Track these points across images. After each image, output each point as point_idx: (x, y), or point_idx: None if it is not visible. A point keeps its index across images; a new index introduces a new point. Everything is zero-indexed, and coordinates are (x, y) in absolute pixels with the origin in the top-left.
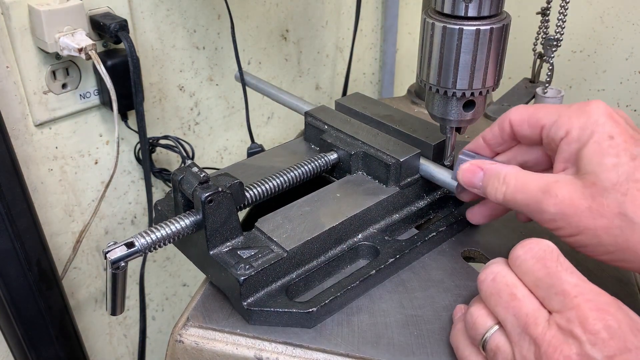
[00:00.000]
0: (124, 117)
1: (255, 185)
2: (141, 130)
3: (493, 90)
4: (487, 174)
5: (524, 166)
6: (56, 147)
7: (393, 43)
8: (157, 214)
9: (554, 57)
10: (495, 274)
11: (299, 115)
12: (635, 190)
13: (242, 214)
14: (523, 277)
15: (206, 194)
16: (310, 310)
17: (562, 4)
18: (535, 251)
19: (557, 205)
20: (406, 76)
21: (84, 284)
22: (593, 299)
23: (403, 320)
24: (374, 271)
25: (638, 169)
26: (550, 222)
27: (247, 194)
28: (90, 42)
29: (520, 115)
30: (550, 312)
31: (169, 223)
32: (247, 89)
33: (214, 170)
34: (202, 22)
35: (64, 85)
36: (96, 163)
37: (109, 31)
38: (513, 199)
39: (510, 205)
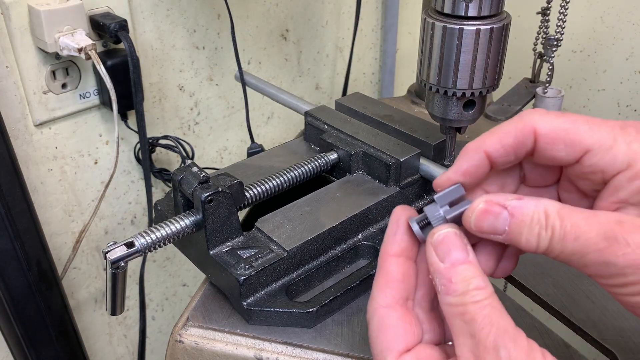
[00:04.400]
0: (123, 117)
1: (255, 185)
2: (141, 130)
3: (493, 90)
4: (518, 216)
5: None
6: (56, 147)
7: (393, 43)
8: (157, 214)
9: (554, 57)
10: None
11: (299, 115)
12: None
13: (242, 214)
14: None
15: (206, 194)
16: (310, 310)
17: (562, 4)
18: None
19: (627, 255)
20: (406, 76)
21: (83, 284)
22: None
23: None
24: (374, 271)
25: None
26: (615, 277)
27: (247, 194)
28: (90, 42)
29: (552, 129)
30: None
31: (169, 223)
32: (247, 88)
33: (214, 170)
34: (202, 22)
35: (63, 85)
36: (96, 163)
37: (108, 31)
38: (561, 248)
39: (552, 255)
